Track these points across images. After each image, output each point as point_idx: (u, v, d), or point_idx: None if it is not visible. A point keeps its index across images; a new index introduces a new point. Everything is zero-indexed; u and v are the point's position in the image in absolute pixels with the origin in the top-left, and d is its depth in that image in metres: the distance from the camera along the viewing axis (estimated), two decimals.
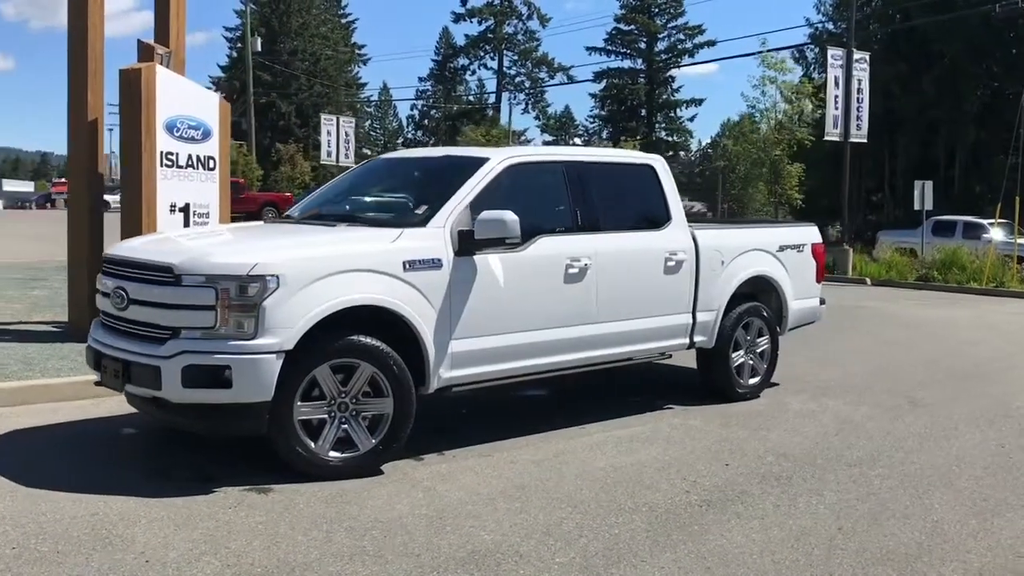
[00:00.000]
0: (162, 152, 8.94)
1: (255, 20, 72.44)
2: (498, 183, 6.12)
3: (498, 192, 6.10)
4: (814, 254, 8.31)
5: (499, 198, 6.04)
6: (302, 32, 71.47)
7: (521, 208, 6.15)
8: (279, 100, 69.67)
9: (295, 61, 70.47)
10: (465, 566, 4.15)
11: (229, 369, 4.97)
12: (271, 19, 71.56)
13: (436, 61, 74.67)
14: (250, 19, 71.21)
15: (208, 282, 5.03)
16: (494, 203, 5.93)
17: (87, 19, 8.87)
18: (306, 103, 71.12)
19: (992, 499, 5.29)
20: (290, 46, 70.21)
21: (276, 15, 71.63)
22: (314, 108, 71.37)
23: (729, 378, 7.59)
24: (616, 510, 4.95)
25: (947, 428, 6.95)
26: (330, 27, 75.60)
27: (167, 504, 4.81)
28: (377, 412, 5.44)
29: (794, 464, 5.89)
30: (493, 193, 6.05)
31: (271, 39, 69.38)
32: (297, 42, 71.12)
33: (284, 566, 4.09)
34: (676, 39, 71.66)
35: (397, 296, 5.45)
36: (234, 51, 73.08)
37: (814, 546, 4.50)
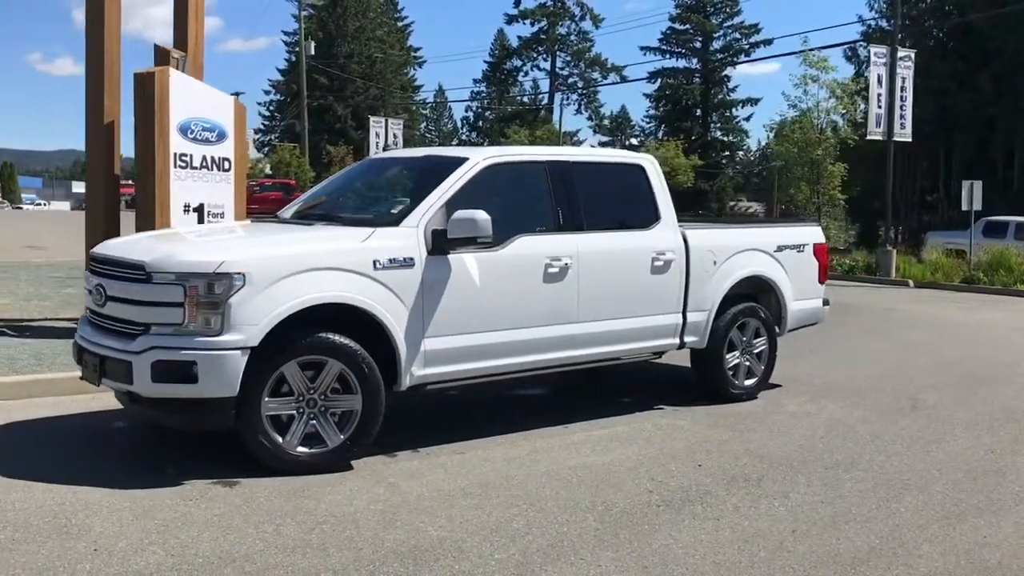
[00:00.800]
0: (176, 153, 9.14)
1: (313, 24, 73.52)
2: (477, 183, 6.16)
3: (477, 192, 6.13)
4: (816, 254, 8.20)
5: (478, 198, 6.07)
6: (358, 36, 72.35)
7: (500, 208, 6.21)
8: (335, 103, 70.64)
9: (351, 64, 71.35)
10: (404, 561, 4.20)
11: (195, 365, 5.09)
12: (328, 23, 72.53)
13: (489, 63, 74.90)
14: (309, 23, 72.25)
15: (177, 280, 5.16)
16: (472, 203, 5.96)
17: (104, 25, 9.12)
18: (362, 105, 71.90)
19: (964, 504, 5.19)
20: (346, 49, 71.10)
21: (333, 19, 72.60)
22: (369, 110, 72.10)
23: (723, 379, 7.53)
24: (572, 508, 4.96)
25: (942, 432, 6.81)
26: (386, 30, 76.43)
27: (132, 495, 4.95)
28: (346, 408, 5.52)
29: (769, 466, 5.83)
30: (471, 193, 6.09)
31: (328, 43, 70.30)
32: (353, 45, 72.01)
33: (226, 557, 4.19)
34: (732, 38, 70.97)
35: (366, 294, 5.52)
36: (292, 55, 74.19)
37: (761, 548, 4.46)
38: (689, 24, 70.37)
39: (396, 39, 77.31)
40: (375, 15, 75.30)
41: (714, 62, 71.32)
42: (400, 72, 76.99)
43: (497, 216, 6.12)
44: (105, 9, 9.11)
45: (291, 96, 74.54)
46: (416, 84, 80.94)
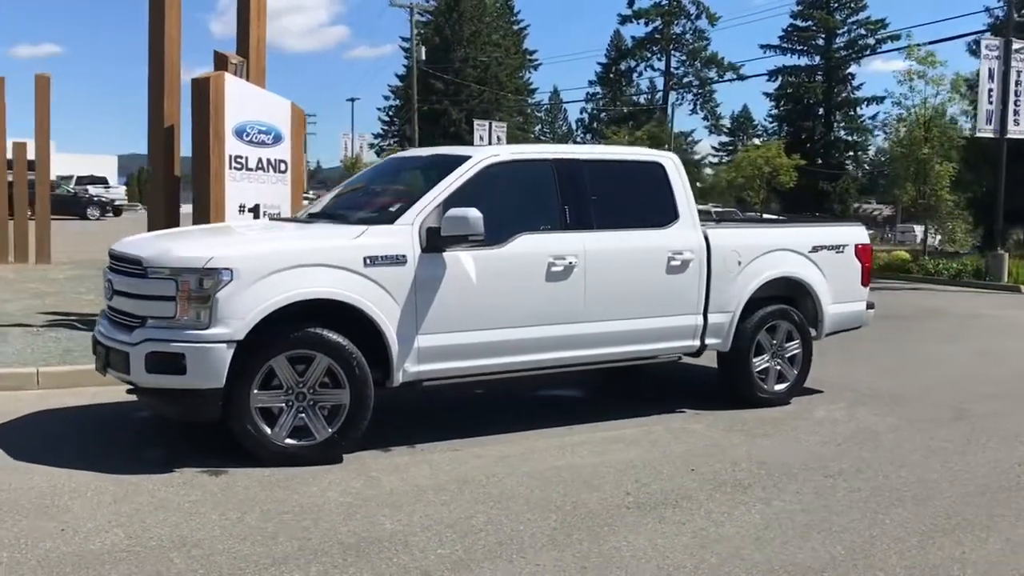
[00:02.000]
0: (231, 155, 9.47)
1: (430, 30, 74.90)
2: (478, 181, 6.18)
3: (478, 190, 6.16)
4: (858, 255, 7.88)
5: (479, 196, 6.09)
6: (473, 40, 73.15)
7: (503, 206, 6.23)
8: (450, 107, 71.60)
9: (466, 68, 72.23)
10: (346, 552, 4.26)
11: (184, 357, 5.28)
12: (444, 28, 73.68)
13: (603, 64, 74.64)
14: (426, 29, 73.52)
15: (170, 275, 5.37)
16: (474, 201, 5.98)
17: (164, 32, 9.54)
18: (476, 109, 72.66)
19: (958, 518, 4.91)
20: (462, 54, 71.99)
21: (449, 24, 73.67)
22: (483, 114, 72.93)
23: (750, 383, 7.32)
24: (539, 507, 4.93)
25: (973, 443, 6.45)
26: (501, 34, 77.06)
27: (121, 480, 5.17)
28: (335, 403, 5.63)
29: (766, 472, 5.65)
30: (472, 191, 6.11)
31: (444, 48, 71.42)
32: (468, 50, 72.84)
33: (179, 541, 4.34)
34: (856, 34, 68.67)
35: (356, 291, 5.62)
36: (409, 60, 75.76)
37: (715, 554, 4.34)
38: (811, 20, 68.48)
39: (511, 43, 77.85)
40: (491, 19, 76.02)
41: (837, 59, 69.13)
42: (515, 75, 77.47)
43: (499, 214, 6.14)
44: (165, 18, 9.53)
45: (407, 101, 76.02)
46: (531, 87, 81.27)
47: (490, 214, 6.15)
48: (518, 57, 78.27)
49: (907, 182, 22.67)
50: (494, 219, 6.20)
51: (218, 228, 7.29)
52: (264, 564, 4.10)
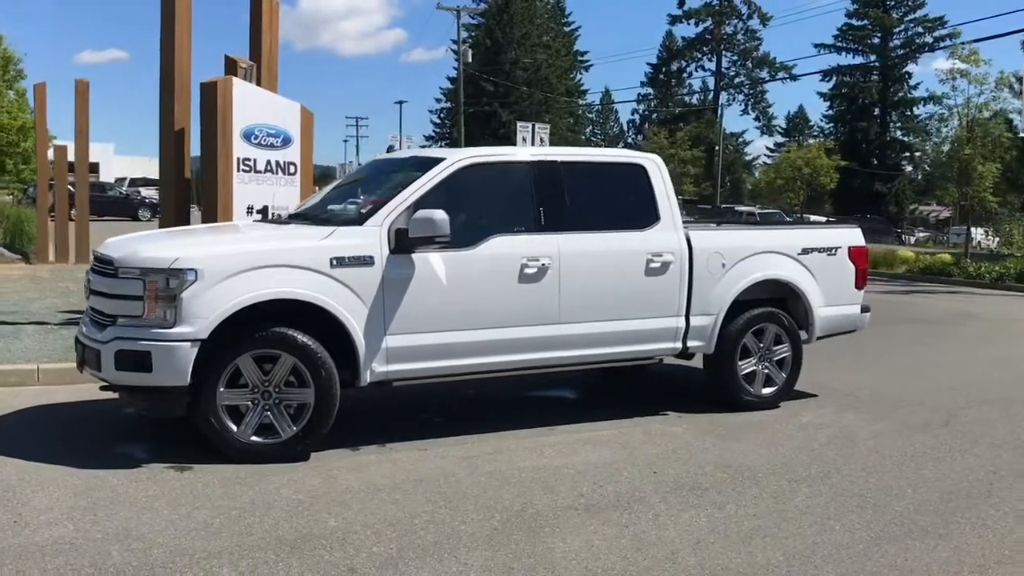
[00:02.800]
0: (239, 158, 9.65)
1: (481, 32, 75.20)
2: (450, 183, 6.23)
3: (451, 192, 6.21)
4: (852, 258, 7.76)
5: (452, 198, 6.15)
6: (524, 42, 73.26)
7: (476, 208, 6.27)
8: (500, 109, 71.78)
9: (516, 70, 72.36)
10: (280, 548, 4.34)
11: (150, 355, 5.41)
12: (495, 30, 73.93)
13: (653, 65, 74.23)
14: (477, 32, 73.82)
15: (139, 274, 5.50)
16: (446, 203, 6.04)
17: (174, 39, 9.76)
18: (527, 111, 72.76)
19: (913, 526, 4.82)
20: (512, 56, 72.13)
21: (500, 26, 73.89)
22: (534, 116, 72.92)
23: (735, 386, 7.26)
24: (487, 508, 4.95)
25: (955, 450, 6.32)
26: (552, 36, 77.07)
27: (88, 475, 5.31)
28: (300, 401, 5.72)
29: (729, 476, 5.61)
30: (444, 193, 6.16)
31: (495, 50, 71.70)
32: (519, 52, 72.97)
33: (122, 534, 4.45)
34: (914, 32, 67.38)
35: (321, 291, 5.70)
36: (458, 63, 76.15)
37: (648, 557, 4.33)
38: (867, 19, 67.38)
39: (562, 44, 77.82)
40: (542, 21, 76.08)
41: (894, 58, 67.88)
42: (566, 77, 77.40)
43: (471, 216, 6.20)
44: (176, 24, 9.74)
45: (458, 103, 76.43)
46: (582, 88, 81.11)
47: (463, 216, 6.20)
48: (568, 59, 78.18)
49: (949, 183, 22.15)
50: (467, 221, 6.26)
51: (193, 230, 7.45)
52: (198, 558, 4.19)
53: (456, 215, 6.05)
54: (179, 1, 9.75)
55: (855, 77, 69.05)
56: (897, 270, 23.46)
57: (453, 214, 5.97)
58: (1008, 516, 5.00)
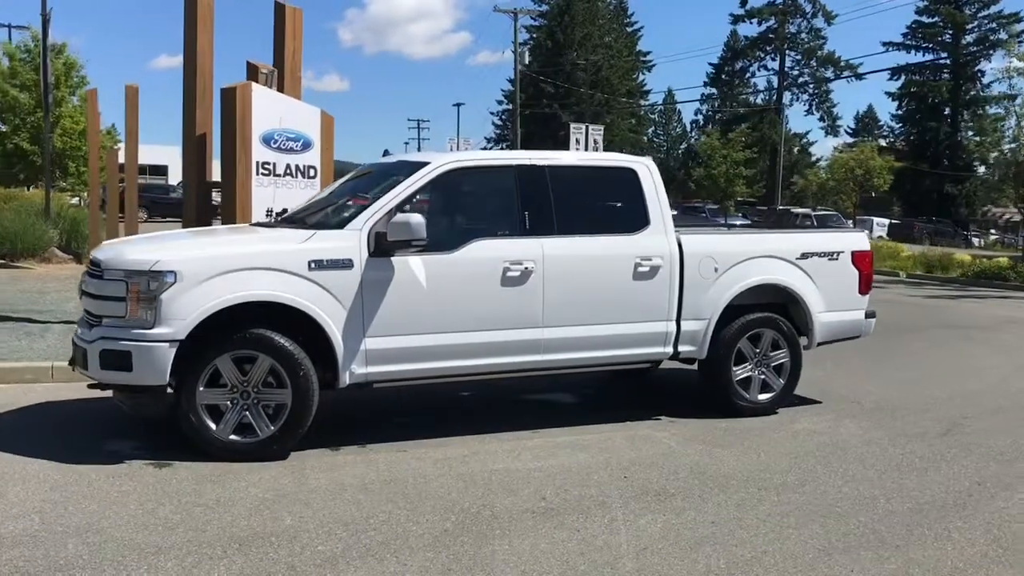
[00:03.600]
0: (258, 162, 9.84)
1: (542, 34, 75.26)
2: (433, 188, 6.31)
3: (434, 196, 6.28)
4: (855, 263, 7.62)
5: (435, 202, 6.22)
6: (584, 43, 73.14)
7: (458, 211, 6.33)
8: (560, 110, 71.77)
9: (577, 72, 72.27)
10: (231, 544, 4.45)
11: (131, 354, 5.59)
12: (556, 32, 73.97)
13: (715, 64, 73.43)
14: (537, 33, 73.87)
15: (123, 276, 5.68)
16: (428, 207, 6.12)
17: (196, 44, 9.99)
18: (587, 112, 72.64)
19: (873, 536, 4.75)
20: (572, 57, 72.07)
21: (561, 28, 73.92)
22: (594, 117, 72.80)
23: (729, 392, 7.19)
24: (444, 510, 5.00)
25: (946, 460, 6.19)
26: (614, 36, 76.83)
27: (69, 470, 5.50)
28: (278, 402, 5.84)
29: (700, 483, 5.57)
30: (426, 197, 6.24)
31: (555, 51, 71.78)
32: (580, 53, 72.88)
33: (83, 528, 4.60)
34: (987, 29, 65.53)
35: (299, 293, 5.81)
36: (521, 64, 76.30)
37: (589, 562, 4.34)
38: (938, 16, 65.80)
39: (624, 45, 77.51)
40: (604, 22, 75.87)
41: (966, 56, 66.14)
42: (627, 77, 77.05)
43: (455, 220, 6.25)
44: (198, 30, 9.97)
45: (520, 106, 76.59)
46: (644, 89, 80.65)
47: (445, 219, 6.26)
48: (630, 59, 77.81)
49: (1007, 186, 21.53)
50: (449, 224, 6.32)
51: (183, 233, 7.63)
52: (147, 553, 4.32)
53: (439, 218, 6.11)
54: (201, 8, 9.97)
55: (924, 76, 67.50)
56: (952, 274, 22.87)
57: (436, 218, 6.03)
58: (975, 529, 4.88)
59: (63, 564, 4.18)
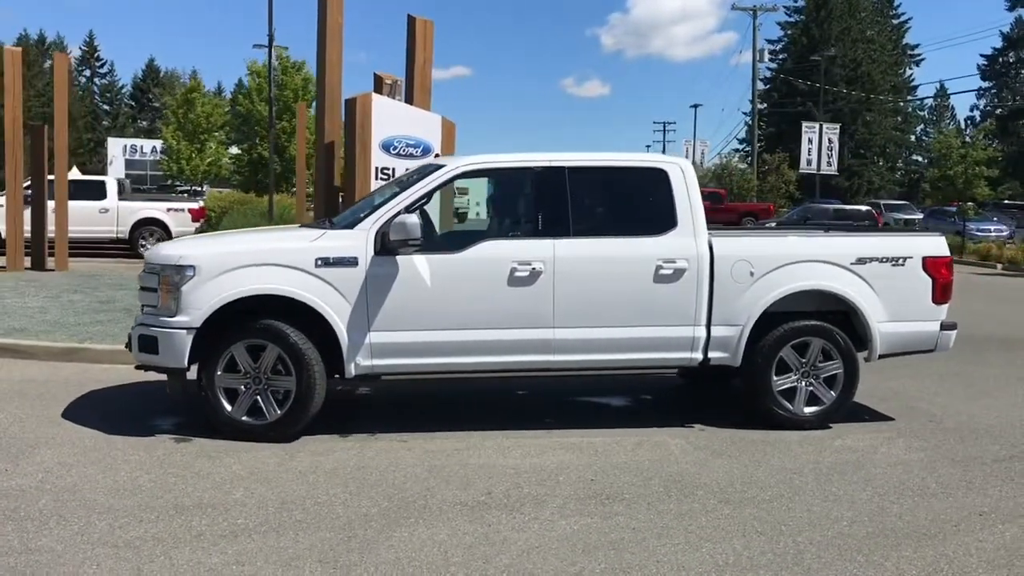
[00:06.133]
0: (377, 167, 10.47)
1: (797, 30, 72.55)
2: (448, 190, 6.54)
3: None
4: (928, 269, 7.00)
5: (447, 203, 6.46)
6: (843, 38, 69.63)
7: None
8: (814, 108, 68.74)
9: (834, 68, 68.92)
10: (171, 510, 4.92)
11: (157, 340, 6.28)
12: (811, 27, 71.00)
13: (987, 56, 67.39)
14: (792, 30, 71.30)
15: (158, 270, 6.39)
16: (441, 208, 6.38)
17: (326, 60, 10.79)
18: (844, 110, 69.21)
19: (790, 560, 4.46)
20: (828, 53, 68.79)
21: (816, 23, 70.86)
22: (851, 115, 69.27)
23: (769, 402, 6.85)
24: (384, 496, 5.23)
25: (974, 487, 5.62)
26: (877, 30, 72.60)
27: (101, 438, 6.26)
28: (285, 388, 6.31)
29: (664, 490, 5.43)
30: (439, 199, 6.49)
31: (809, 47, 68.81)
32: (837, 48, 69.44)
33: (68, 487, 5.26)
34: None
35: (306, 288, 6.25)
36: (775, 62, 73.97)
37: (468, 555, 4.42)
38: None
39: (888, 38, 73.06)
40: (866, 15, 71.88)
41: None
42: (891, 72, 72.54)
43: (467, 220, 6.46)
44: (327, 46, 10.77)
45: (771, 105, 74.25)
46: (912, 84, 75.59)
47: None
48: (895, 53, 73.19)
49: None
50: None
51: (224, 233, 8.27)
52: (96, 511, 4.88)
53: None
54: (330, 26, 10.74)
55: None
56: None
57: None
58: (918, 563, 4.45)
59: (24, 515, 4.82)
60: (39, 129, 17.12)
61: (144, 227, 20.83)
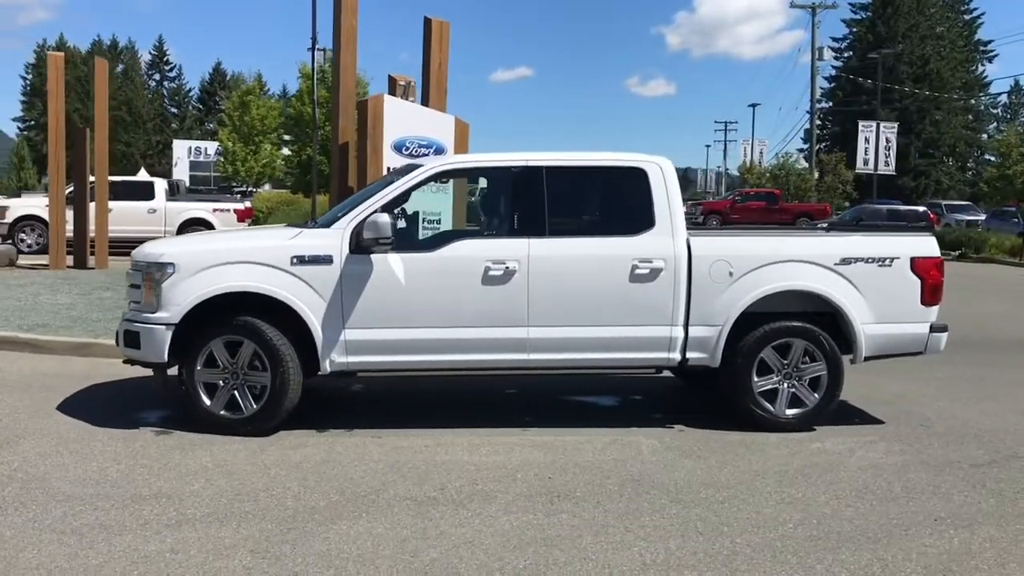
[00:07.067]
0: (389, 168, 10.57)
1: (862, 27, 71.16)
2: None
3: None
4: (916, 270, 6.86)
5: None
6: (910, 35, 68.09)
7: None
8: (880, 107, 67.31)
9: (900, 65, 67.43)
10: (128, 499, 5.08)
11: (139, 335, 6.47)
12: (877, 25, 69.58)
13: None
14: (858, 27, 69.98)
15: (142, 268, 6.58)
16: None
17: (340, 64, 10.97)
18: (910, 108, 67.67)
19: (715, 559, 4.43)
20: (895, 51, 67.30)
21: (883, 20, 69.41)
22: (918, 114, 67.71)
23: (749, 403, 6.78)
24: (335, 491, 5.32)
25: (940, 492, 5.50)
26: (947, 26, 70.87)
27: (87, 429, 6.48)
28: (262, 383, 6.45)
29: (618, 490, 5.42)
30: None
31: (875, 45, 67.36)
32: (903, 46, 67.93)
33: (36, 476, 5.46)
34: None
35: (281, 286, 6.38)
36: (840, 61, 72.67)
37: (398, 549, 4.48)
38: None
39: (958, 34, 71.28)
40: (935, 10, 70.18)
41: None
42: (961, 70, 70.74)
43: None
44: (342, 50, 10.94)
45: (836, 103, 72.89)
46: (984, 80, 73.63)
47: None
48: (966, 49, 71.36)
49: None
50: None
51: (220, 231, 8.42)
52: (55, 499, 5.06)
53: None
54: (345, 31, 10.91)
55: None
56: None
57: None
58: (851, 565, 4.38)
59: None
60: (80, 131, 17.65)
61: (191, 227, 21.30)
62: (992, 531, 4.85)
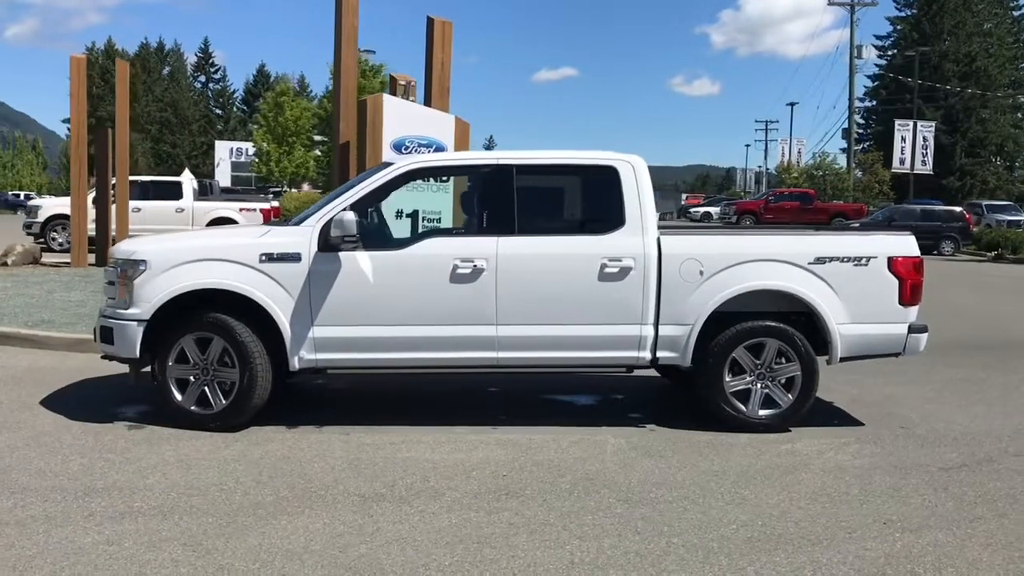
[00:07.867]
0: None
1: (907, 25, 70.09)
2: (393, 188, 6.66)
3: (393, 196, 6.63)
4: (894, 269, 6.74)
5: (391, 201, 6.58)
6: (956, 32, 66.94)
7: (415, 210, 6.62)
8: (924, 106, 66.22)
9: (946, 63, 66.29)
10: (80, 492, 5.16)
11: (112, 331, 6.58)
12: (922, 22, 68.53)
13: None
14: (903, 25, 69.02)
15: (118, 265, 6.69)
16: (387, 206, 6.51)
17: (341, 64, 11.06)
18: (956, 107, 66.50)
19: (631, 558, 4.40)
20: (940, 49, 66.17)
21: (928, 18, 68.34)
22: (964, 113, 66.58)
23: (720, 403, 6.71)
24: (285, 486, 5.36)
25: (898, 496, 5.40)
26: (995, 23, 69.55)
27: (61, 424, 6.59)
28: (231, 379, 6.52)
29: (569, 488, 5.40)
30: (385, 197, 6.62)
31: (920, 43, 66.30)
32: (949, 43, 66.79)
33: (3, 468, 5.58)
34: None
35: (249, 283, 6.44)
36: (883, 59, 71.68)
37: (326, 544, 4.51)
38: None
39: (1008, 31, 69.90)
40: (982, 7, 68.90)
41: None
42: (1010, 67, 69.38)
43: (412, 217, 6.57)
44: (343, 51, 11.03)
45: (880, 102, 71.86)
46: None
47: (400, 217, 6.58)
48: (1015, 46, 69.95)
49: None
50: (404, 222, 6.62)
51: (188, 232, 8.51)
52: (10, 490, 5.17)
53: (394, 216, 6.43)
54: (346, 31, 10.99)
55: None
56: None
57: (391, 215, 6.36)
58: (789, 567, 4.32)
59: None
60: (103, 132, 17.98)
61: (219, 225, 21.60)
62: (939, 535, 4.75)
